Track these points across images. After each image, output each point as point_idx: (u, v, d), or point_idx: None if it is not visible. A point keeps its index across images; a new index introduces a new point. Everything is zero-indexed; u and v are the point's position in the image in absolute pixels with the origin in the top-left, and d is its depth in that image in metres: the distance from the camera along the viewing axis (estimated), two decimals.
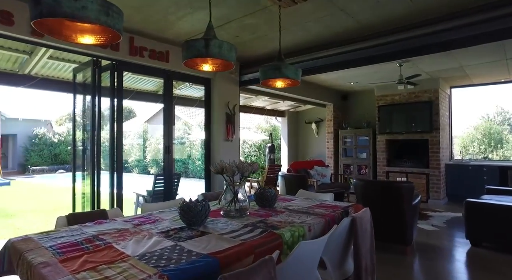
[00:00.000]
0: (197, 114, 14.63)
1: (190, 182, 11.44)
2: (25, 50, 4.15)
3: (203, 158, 13.11)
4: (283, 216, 2.23)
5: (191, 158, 13.32)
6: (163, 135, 4.60)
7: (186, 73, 4.82)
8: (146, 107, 22.62)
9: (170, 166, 4.64)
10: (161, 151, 14.35)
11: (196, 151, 13.35)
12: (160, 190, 4.76)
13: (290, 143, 9.91)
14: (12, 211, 6.63)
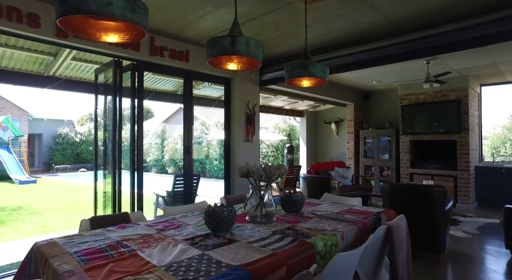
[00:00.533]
0: (214, 114, 14.65)
1: (208, 183, 11.45)
2: (50, 51, 4.21)
3: (220, 158, 13.15)
4: (312, 222, 2.11)
5: (208, 158, 13.35)
6: (183, 135, 4.56)
7: (206, 73, 4.76)
8: (163, 107, 22.92)
9: (189, 166, 4.60)
10: (178, 151, 14.46)
11: (213, 151, 13.36)
12: (179, 190, 4.72)
13: (309, 144, 9.72)
14: (38, 209, 6.80)
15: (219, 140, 13.10)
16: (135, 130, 3.99)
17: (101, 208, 4.37)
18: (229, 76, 5.08)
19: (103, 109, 4.49)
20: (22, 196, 8.76)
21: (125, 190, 3.89)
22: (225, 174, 5.11)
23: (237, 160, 5.04)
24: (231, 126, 5.14)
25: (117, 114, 3.90)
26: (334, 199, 3.07)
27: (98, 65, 4.59)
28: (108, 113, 4.55)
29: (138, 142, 4.00)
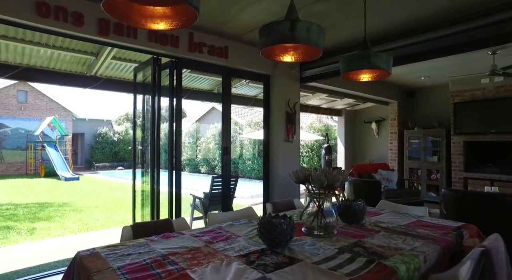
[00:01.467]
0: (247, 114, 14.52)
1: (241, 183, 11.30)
2: (92, 51, 4.22)
3: (253, 158, 13.00)
4: (380, 237, 1.79)
5: (241, 158, 13.24)
6: (221, 135, 4.38)
7: (244, 70, 4.56)
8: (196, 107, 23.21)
9: (228, 167, 4.41)
10: (211, 150, 14.50)
11: (246, 151, 13.23)
12: (217, 192, 4.55)
13: (347, 144, 9.23)
14: (80, 205, 7.02)
15: (252, 140, 12.93)
16: (173, 129, 3.87)
17: (139, 206, 4.32)
18: (268, 73, 4.83)
19: (141, 108, 4.44)
20: (67, 192, 9.16)
21: (162, 190, 3.79)
22: (264, 176, 4.87)
23: (277, 161, 4.78)
24: (270, 126, 4.89)
25: (156, 113, 3.80)
26: (394, 207, 2.70)
27: (137, 64, 4.55)
28: (146, 112, 4.50)
29: (176, 141, 3.87)
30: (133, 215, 4.33)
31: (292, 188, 4.92)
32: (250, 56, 4.53)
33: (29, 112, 15.67)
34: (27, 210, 6.46)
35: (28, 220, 5.59)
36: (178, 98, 3.89)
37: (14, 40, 3.70)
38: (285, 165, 4.80)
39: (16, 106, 15.35)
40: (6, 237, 4.56)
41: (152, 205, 3.74)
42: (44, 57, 4.21)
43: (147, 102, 4.50)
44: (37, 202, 7.52)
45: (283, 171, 4.78)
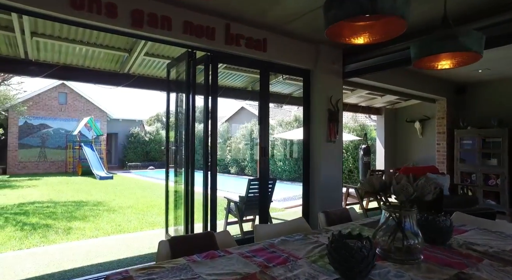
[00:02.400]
0: (277, 113, 14.15)
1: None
2: (125, 47, 4.08)
3: (285, 159, 12.59)
4: (489, 269, 1.36)
5: (272, 159, 12.89)
6: (259, 135, 4.07)
7: (283, 64, 4.21)
8: (225, 107, 23.20)
9: (266, 169, 4.09)
10: (241, 151, 14.30)
11: (278, 152, 12.86)
12: (254, 196, 4.25)
13: (386, 145, 8.58)
14: (114, 205, 7.03)
15: (283, 140, 12.55)
16: (209, 129, 3.60)
17: (172, 207, 4.12)
18: (308, 68, 4.45)
19: (174, 107, 4.23)
20: (101, 191, 9.32)
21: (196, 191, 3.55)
22: (303, 179, 4.48)
23: (318, 163, 4.38)
24: (310, 125, 4.50)
25: (190, 111, 3.56)
26: (474, 222, 2.22)
27: (170, 60, 4.36)
28: (180, 110, 4.29)
29: (211, 141, 3.61)
30: (166, 216, 4.12)
31: (335, 192, 4.50)
32: (289, 49, 4.18)
33: (69, 113, 16.38)
34: (65, 209, 6.55)
35: (65, 219, 5.62)
36: (213, 94, 3.62)
37: (51, 38, 3.63)
38: (327, 167, 4.39)
39: (57, 107, 16.10)
40: (45, 236, 4.55)
41: (186, 208, 3.50)
42: (79, 55, 4.13)
43: (180, 100, 4.30)
44: (74, 200, 7.66)
45: (325, 174, 4.37)
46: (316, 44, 4.37)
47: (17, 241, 4.35)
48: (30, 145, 15.24)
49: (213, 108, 3.63)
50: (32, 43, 3.65)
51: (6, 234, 4.68)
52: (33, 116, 15.30)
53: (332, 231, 1.68)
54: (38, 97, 15.55)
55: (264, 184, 4.10)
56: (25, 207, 6.80)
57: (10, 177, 13.25)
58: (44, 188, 9.74)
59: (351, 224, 2.13)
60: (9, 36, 3.53)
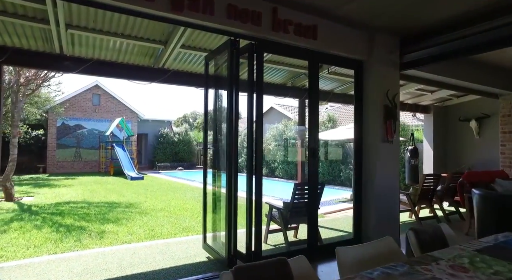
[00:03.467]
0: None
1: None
2: (161, 39, 3.79)
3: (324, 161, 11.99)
4: None
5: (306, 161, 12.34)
6: (308, 135, 3.61)
7: (334, 54, 3.74)
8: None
9: (315, 173, 3.62)
10: (271, 152, 13.86)
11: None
12: (301, 202, 3.80)
13: (436, 147, 7.78)
14: (146, 207, 6.85)
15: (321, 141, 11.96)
16: (253, 129, 3.21)
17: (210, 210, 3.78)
18: (361, 58, 3.93)
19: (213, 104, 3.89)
20: (132, 192, 9.27)
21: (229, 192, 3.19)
22: (355, 184, 3.96)
23: (373, 167, 3.85)
24: (364, 123, 3.98)
25: (233, 108, 3.17)
26: None
27: (207, 53, 4.02)
28: (219, 108, 3.93)
29: (256, 142, 3.21)
30: (204, 223, 3.77)
31: (391, 198, 3.94)
32: (341, 38, 3.70)
33: (102, 114, 16.79)
34: (98, 210, 6.45)
35: (99, 221, 5.47)
36: (258, 89, 3.22)
37: (86, 30, 3.41)
38: (383, 171, 3.85)
39: (91, 108, 16.56)
40: (79, 239, 4.38)
41: (229, 214, 3.12)
42: (113, 49, 3.90)
43: (219, 95, 3.94)
44: (106, 201, 7.59)
45: (381, 178, 3.83)
46: (371, 32, 3.85)
47: (52, 244, 4.19)
48: (66, 145, 15.76)
49: (258, 105, 3.22)
50: (67, 36, 3.44)
51: (42, 235, 4.57)
52: (70, 117, 15.82)
53: (450, 262, 1.20)
54: (74, 99, 16.06)
55: (313, 189, 3.63)
56: (61, 207, 6.79)
57: (50, 176, 13.71)
58: (79, 188, 9.86)
59: (459, 249, 1.61)
60: (45, 30, 3.34)
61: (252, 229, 3.17)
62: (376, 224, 3.80)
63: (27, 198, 7.85)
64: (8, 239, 4.39)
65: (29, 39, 3.47)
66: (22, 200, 7.56)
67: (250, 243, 3.16)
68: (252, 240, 3.16)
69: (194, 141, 20.18)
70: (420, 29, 3.79)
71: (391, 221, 3.92)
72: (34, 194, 8.42)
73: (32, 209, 6.57)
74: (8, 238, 4.46)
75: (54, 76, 8.40)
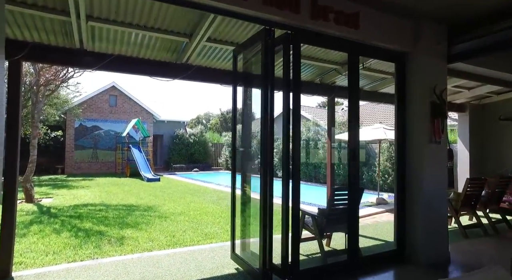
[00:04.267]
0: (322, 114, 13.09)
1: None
2: (186, 31, 3.52)
3: (339, 162, 11.54)
4: None
5: (323, 163, 11.92)
6: (348, 136, 3.26)
7: (375, 46, 3.38)
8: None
9: (356, 176, 3.26)
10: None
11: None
12: (339, 208, 3.45)
13: (472, 148, 7.24)
14: (165, 210, 6.63)
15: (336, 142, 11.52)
16: (289, 130, 2.89)
17: (239, 216, 3.48)
18: (405, 50, 3.55)
19: (242, 103, 3.60)
20: (150, 194, 9.10)
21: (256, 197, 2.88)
22: (397, 189, 3.57)
23: (419, 170, 3.46)
24: (407, 122, 3.59)
25: (269, 105, 2.85)
26: None
27: (235, 47, 3.73)
28: (248, 106, 3.64)
29: (294, 144, 2.89)
30: (232, 230, 3.46)
31: (439, 205, 3.53)
32: (384, 27, 3.33)
33: (118, 115, 16.84)
34: (117, 213, 6.26)
35: (118, 226, 5.26)
36: (295, 86, 2.90)
37: (107, 22, 3.17)
38: (430, 175, 3.45)
39: (108, 109, 16.64)
40: (98, 245, 4.16)
41: (264, 223, 2.80)
42: (135, 44, 3.66)
43: (248, 93, 3.65)
44: (124, 204, 7.42)
45: (428, 183, 3.43)
46: (416, 20, 3.47)
47: (71, 250, 3.99)
48: (84, 146, 15.87)
49: (295, 104, 2.90)
50: (87, 30, 3.22)
51: (61, 241, 4.38)
52: (87, 118, 15.92)
53: None
54: (91, 100, 16.16)
55: (354, 193, 3.27)
56: (79, 209, 6.65)
57: (68, 176, 13.78)
58: (96, 189, 9.78)
59: None
60: (65, 23, 3.13)
61: (289, 238, 2.85)
62: (423, 234, 3.40)
63: (46, 200, 7.78)
64: (28, 244, 4.22)
65: (48, 33, 3.26)
66: (41, 202, 7.49)
67: (286, 254, 2.83)
68: (289, 251, 2.84)
69: (209, 142, 20.02)
70: (471, 17, 3.38)
71: (440, 230, 3.51)
72: (53, 196, 8.36)
73: (51, 211, 6.45)
74: (28, 242, 4.29)
75: (72, 76, 8.33)
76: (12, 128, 3.10)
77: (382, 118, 13.48)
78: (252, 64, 3.49)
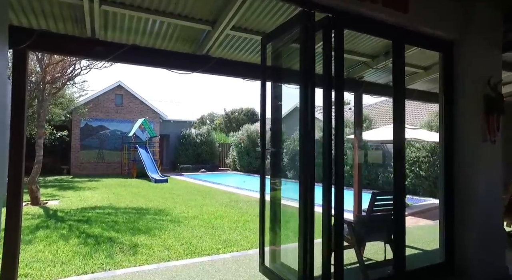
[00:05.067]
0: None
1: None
2: (208, 18, 3.16)
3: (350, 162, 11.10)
4: None
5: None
6: (393, 135, 2.89)
7: (421, 33, 3.00)
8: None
9: (402, 179, 2.89)
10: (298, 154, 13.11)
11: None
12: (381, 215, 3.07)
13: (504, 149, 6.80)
14: (177, 215, 6.29)
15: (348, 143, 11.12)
16: (332, 129, 2.53)
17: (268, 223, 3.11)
18: (454, 37, 3.16)
19: (271, 98, 3.23)
20: (159, 196, 8.78)
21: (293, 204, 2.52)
22: (445, 194, 3.18)
23: (470, 173, 3.07)
24: (456, 118, 3.20)
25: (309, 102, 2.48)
26: None
27: (260, 36, 3.37)
28: (276, 101, 3.28)
29: (337, 147, 2.53)
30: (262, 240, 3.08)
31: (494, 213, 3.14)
32: (434, 11, 2.96)
33: (124, 115, 16.57)
34: (127, 218, 5.93)
35: (129, 231, 4.92)
36: (338, 80, 2.53)
37: (123, 6, 2.82)
38: (485, 179, 3.06)
39: (113, 109, 16.37)
40: (110, 255, 3.82)
41: (304, 235, 2.42)
42: (151, 33, 3.32)
43: (277, 87, 3.29)
44: (134, 207, 7.10)
45: (483, 188, 3.04)
46: (470, 3, 3.08)
47: (81, 260, 3.65)
48: (89, 146, 15.61)
49: (338, 101, 2.54)
50: (100, 16, 2.88)
51: (70, 248, 4.05)
52: (93, 118, 15.66)
53: None
54: (97, 99, 15.90)
55: (400, 198, 2.89)
56: (87, 213, 6.33)
57: (73, 177, 13.52)
58: (104, 191, 9.48)
59: None
60: (75, 7, 2.79)
61: (331, 251, 2.48)
62: (477, 245, 3.01)
63: (52, 202, 7.48)
64: (34, 253, 3.89)
65: (57, 20, 2.93)
66: (47, 204, 7.19)
67: (328, 270, 2.46)
68: (331, 265, 2.47)
69: (216, 142, 19.67)
70: None
71: (497, 241, 3.12)
72: (59, 198, 8.06)
73: (58, 214, 6.14)
74: (34, 250, 3.97)
75: (79, 73, 8.03)
76: (18, 125, 2.77)
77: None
78: (284, 54, 3.13)
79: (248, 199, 8.30)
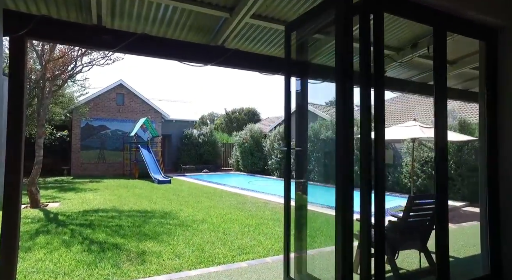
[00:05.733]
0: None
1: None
2: (226, 4, 2.86)
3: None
4: None
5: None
6: (435, 134, 2.59)
7: (464, 19, 2.70)
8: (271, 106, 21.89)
9: (445, 181, 2.58)
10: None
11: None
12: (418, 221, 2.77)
13: None
14: (184, 218, 5.99)
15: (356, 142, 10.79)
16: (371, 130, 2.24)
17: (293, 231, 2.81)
18: (499, 24, 2.86)
19: (295, 95, 2.93)
20: (163, 198, 8.48)
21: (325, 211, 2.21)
22: (489, 198, 2.88)
23: None
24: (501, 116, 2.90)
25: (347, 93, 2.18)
26: None
27: (281, 26, 3.07)
28: (303, 96, 2.99)
29: (376, 149, 2.23)
30: (287, 249, 2.77)
31: None
32: None
33: (125, 114, 16.25)
34: (131, 221, 5.63)
35: (135, 237, 4.62)
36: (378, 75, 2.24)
37: None
38: None
39: (115, 108, 16.05)
40: (117, 264, 3.52)
41: (343, 248, 2.12)
42: (162, 21, 3.02)
43: (304, 81, 2.99)
44: (138, 209, 6.80)
45: None
46: None
47: (85, 270, 3.35)
48: (90, 146, 15.29)
49: (378, 99, 2.24)
50: (107, 1, 2.57)
51: (73, 257, 3.75)
52: (93, 118, 15.34)
53: None
54: (98, 99, 15.58)
55: (442, 203, 2.59)
56: (89, 216, 6.03)
57: (74, 178, 13.21)
58: (106, 193, 9.17)
59: None
60: None
61: (371, 263, 2.19)
62: None
63: (53, 204, 7.18)
64: (33, 262, 3.59)
65: (59, 4, 2.63)
66: (47, 207, 6.89)
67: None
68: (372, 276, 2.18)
69: (218, 142, 19.36)
70: None
71: None
72: (60, 200, 7.76)
73: (59, 218, 5.84)
74: (33, 259, 3.67)
75: (81, 71, 7.72)
76: (16, 123, 2.47)
77: (407, 117, 12.74)
78: (309, 43, 2.83)
79: (255, 201, 8.00)
